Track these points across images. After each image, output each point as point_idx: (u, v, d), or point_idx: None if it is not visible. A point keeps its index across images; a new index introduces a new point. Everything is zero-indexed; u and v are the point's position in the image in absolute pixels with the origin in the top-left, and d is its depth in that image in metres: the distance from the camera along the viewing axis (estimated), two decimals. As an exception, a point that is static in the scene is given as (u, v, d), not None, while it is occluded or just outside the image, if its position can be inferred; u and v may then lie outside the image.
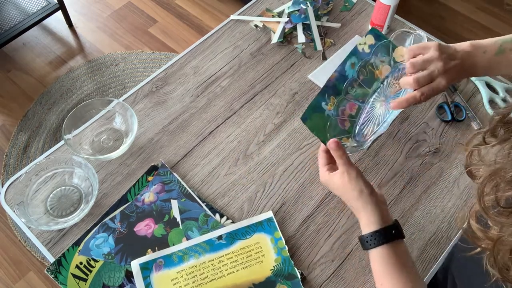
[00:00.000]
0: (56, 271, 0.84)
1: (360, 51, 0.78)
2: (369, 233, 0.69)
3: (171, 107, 1.06)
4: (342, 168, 0.73)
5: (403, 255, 0.68)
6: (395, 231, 0.68)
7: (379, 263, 0.68)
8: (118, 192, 0.94)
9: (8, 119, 2.01)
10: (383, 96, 0.79)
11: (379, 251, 0.68)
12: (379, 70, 0.79)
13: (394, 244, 0.68)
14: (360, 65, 0.79)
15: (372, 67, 0.79)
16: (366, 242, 0.69)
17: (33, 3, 2.15)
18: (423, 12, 2.40)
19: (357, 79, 0.79)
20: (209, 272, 0.83)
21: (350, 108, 0.79)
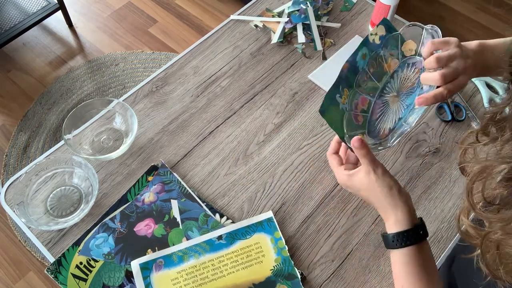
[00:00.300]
0: (56, 271, 0.84)
1: (371, 42, 0.75)
2: (396, 232, 0.65)
3: (171, 107, 1.06)
4: (367, 167, 0.68)
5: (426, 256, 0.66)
6: (423, 231, 0.66)
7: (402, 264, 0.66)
8: (118, 192, 0.94)
9: (8, 119, 2.01)
10: (395, 91, 0.77)
11: (404, 252, 0.65)
12: (388, 64, 0.77)
13: (420, 245, 0.65)
14: (371, 57, 0.76)
15: (382, 59, 0.77)
16: (392, 241, 0.66)
17: (33, 3, 2.15)
18: (423, 12, 2.40)
19: (367, 72, 0.76)
20: (209, 272, 0.83)
21: (362, 103, 0.76)
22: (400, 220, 0.66)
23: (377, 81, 0.77)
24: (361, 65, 0.76)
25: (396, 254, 0.66)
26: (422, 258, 0.65)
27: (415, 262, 0.65)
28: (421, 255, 0.65)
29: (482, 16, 2.38)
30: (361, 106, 0.76)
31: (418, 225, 0.66)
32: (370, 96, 0.77)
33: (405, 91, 0.76)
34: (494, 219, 0.46)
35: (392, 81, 0.77)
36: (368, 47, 0.76)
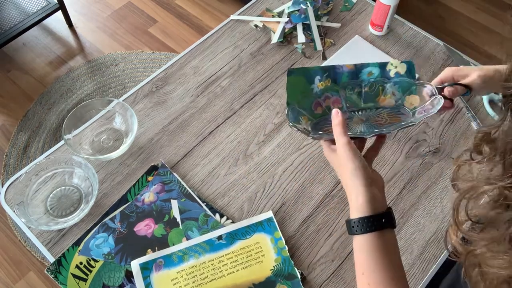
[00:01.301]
0: (56, 271, 0.84)
1: (386, 69, 0.77)
2: (357, 218, 0.63)
3: (171, 107, 1.06)
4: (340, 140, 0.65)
5: (390, 245, 0.63)
6: (385, 220, 0.62)
7: (363, 251, 0.63)
8: (118, 192, 0.94)
9: (8, 119, 2.01)
10: (365, 117, 0.76)
11: (365, 238, 0.62)
12: (384, 98, 0.77)
13: (383, 233, 0.62)
14: (375, 80, 0.76)
15: (381, 90, 0.76)
16: (352, 227, 0.63)
17: (33, 3, 2.15)
18: (423, 12, 2.40)
19: (362, 87, 0.76)
20: (209, 272, 0.83)
21: (333, 102, 0.76)
22: (361, 205, 0.63)
23: (362, 101, 0.77)
24: (362, 78, 0.76)
25: (357, 241, 0.64)
26: (385, 247, 0.62)
27: (377, 250, 0.62)
28: (383, 244, 0.62)
29: (482, 16, 2.38)
30: (330, 104, 0.77)
31: (381, 213, 0.62)
32: (346, 104, 0.77)
33: (372, 122, 0.74)
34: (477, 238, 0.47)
35: (373, 111, 0.77)
36: (380, 70, 0.77)
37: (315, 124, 0.75)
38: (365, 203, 0.62)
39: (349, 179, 0.64)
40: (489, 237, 0.45)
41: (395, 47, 1.17)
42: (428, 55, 1.15)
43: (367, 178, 0.63)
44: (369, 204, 0.62)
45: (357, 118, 0.76)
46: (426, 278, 0.85)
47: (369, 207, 0.62)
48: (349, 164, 0.64)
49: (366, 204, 0.62)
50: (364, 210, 0.62)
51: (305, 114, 0.75)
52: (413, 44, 1.17)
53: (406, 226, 0.90)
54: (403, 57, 1.15)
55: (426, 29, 1.22)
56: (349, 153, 0.64)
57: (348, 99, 0.77)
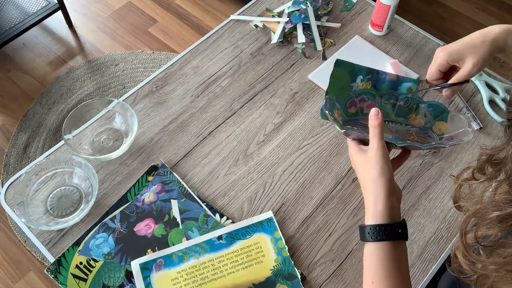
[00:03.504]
0: (56, 271, 0.84)
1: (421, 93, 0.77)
2: (373, 224, 0.61)
3: (171, 107, 1.06)
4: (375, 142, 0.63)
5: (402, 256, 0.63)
6: (402, 230, 0.61)
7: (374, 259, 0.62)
8: (118, 192, 0.94)
9: (8, 119, 2.01)
10: (394, 128, 0.76)
11: (378, 246, 0.61)
12: (415, 116, 0.76)
13: (396, 243, 0.61)
14: (412, 97, 0.76)
15: (415, 108, 0.76)
16: (367, 233, 0.62)
17: (33, 3, 2.15)
18: (423, 12, 2.40)
19: (397, 99, 0.76)
20: (209, 272, 0.83)
21: (367, 106, 0.76)
22: (379, 212, 0.61)
23: (394, 113, 0.77)
24: (400, 90, 0.76)
25: (369, 248, 0.62)
26: (397, 257, 0.61)
27: (389, 259, 0.61)
28: (396, 254, 0.61)
29: (482, 16, 2.38)
30: (363, 107, 0.77)
31: (399, 223, 0.62)
32: None
33: (401, 135, 0.74)
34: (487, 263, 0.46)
35: (402, 126, 0.77)
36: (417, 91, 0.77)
37: (345, 121, 0.74)
38: (384, 210, 0.61)
39: (373, 183, 0.62)
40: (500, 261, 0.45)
41: (395, 47, 1.17)
42: (428, 55, 1.15)
43: (390, 186, 0.62)
44: (388, 213, 0.61)
45: (387, 128, 0.76)
46: (426, 278, 0.85)
47: (387, 216, 0.61)
48: (376, 168, 0.62)
49: (385, 212, 0.61)
50: (382, 219, 0.61)
51: (339, 109, 0.75)
52: (413, 44, 1.17)
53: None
54: (403, 57, 1.15)
55: (426, 29, 1.22)
56: (382, 157, 0.62)
57: (382, 108, 0.76)
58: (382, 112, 0.75)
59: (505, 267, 0.45)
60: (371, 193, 0.63)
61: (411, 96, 0.77)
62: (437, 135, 0.74)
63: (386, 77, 0.76)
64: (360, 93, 0.76)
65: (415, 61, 1.14)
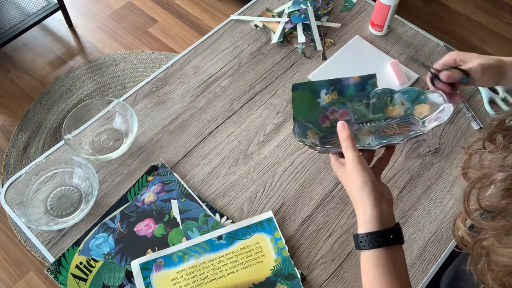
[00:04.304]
0: (56, 271, 0.84)
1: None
2: (365, 233, 0.62)
3: (171, 107, 1.06)
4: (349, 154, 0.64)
5: (397, 261, 0.62)
6: (394, 236, 0.61)
7: (370, 266, 0.62)
8: (118, 192, 0.94)
9: (8, 119, 2.01)
10: (374, 129, 0.75)
11: (372, 253, 0.62)
12: (392, 108, 0.75)
13: (390, 249, 0.61)
14: (383, 91, 0.75)
15: (390, 101, 0.75)
16: (360, 242, 0.62)
17: (33, 3, 2.15)
18: (423, 12, 2.39)
19: (369, 98, 0.75)
20: (209, 272, 0.83)
21: (341, 115, 0.75)
22: (368, 220, 0.62)
23: (371, 112, 0.76)
24: (369, 90, 0.76)
25: (364, 256, 0.63)
26: (392, 263, 0.61)
27: (384, 266, 0.61)
28: (391, 260, 0.61)
29: (482, 16, 2.38)
30: (337, 117, 0.76)
31: (389, 229, 0.62)
32: (354, 116, 0.76)
33: (381, 133, 0.74)
34: (487, 227, 0.46)
35: (382, 122, 0.76)
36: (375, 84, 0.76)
37: (322, 137, 0.74)
38: (373, 218, 0.62)
39: (358, 194, 0.63)
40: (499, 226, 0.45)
41: (395, 47, 1.17)
42: (428, 55, 1.15)
43: (376, 193, 0.62)
44: (377, 220, 0.62)
45: (366, 130, 0.75)
46: (426, 278, 0.85)
47: (377, 223, 0.62)
48: (358, 179, 0.63)
49: (374, 219, 0.62)
50: (372, 226, 0.62)
51: (312, 128, 0.74)
52: (413, 44, 1.17)
53: (406, 226, 0.90)
54: (403, 57, 1.15)
55: (426, 29, 1.22)
56: (359, 168, 0.63)
57: (356, 111, 0.76)
58: (358, 115, 0.76)
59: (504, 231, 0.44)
60: (359, 203, 0.64)
61: (381, 91, 0.75)
62: (420, 119, 0.73)
63: (349, 81, 0.75)
64: (329, 105, 0.76)
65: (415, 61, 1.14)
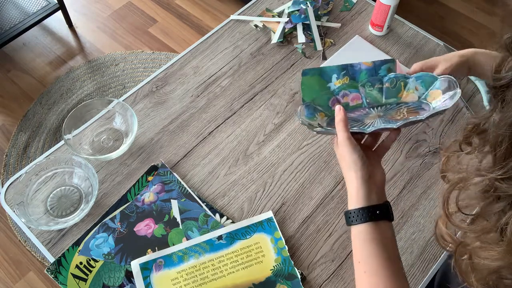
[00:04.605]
0: (56, 271, 0.84)
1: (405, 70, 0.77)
2: (353, 209, 0.65)
3: (171, 107, 1.06)
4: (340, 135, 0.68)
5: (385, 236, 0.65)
6: (380, 211, 0.65)
7: (359, 240, 0.65)
8: (118, 192, 0.94)
9: (8, 119, 2.01)
10: (383, 113, 0.76)
11: (361, 228, 0.65)
12: (407, 93, 0.75)
13: (378, 224, 0.64)
14: (396, 76, 0.75)
15: (404, 86, 0.75)
16: (348, 218, 0.66)
17: (33, 3, 2.15)
18: (423, 12, 2.39)
19: (382, 83, 0.75)
20: (209, 272, 0.83)
21: (352, 99, 0.76)
22: (355, 197, 0.66)
23: (384, 97, 0.76)
24: (382, 74, 0.76)
25: (354, 230, 0.66)
26: (379, 237, 0.64)
27: (372, 240, 0.64)
28: (378, 234, 0.64)
29: (482, 16, 2.38)
30: (349, 101, 0.76)
31: (376, 205, 0.65)
32: (366, 101, 0.77)
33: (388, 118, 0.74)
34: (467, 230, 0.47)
35: (393, 106, 0.76)
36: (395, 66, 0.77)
37: (331, 119, 0.75)
38: (360, 195, 0.66)
39: (347, 171, 0.68)
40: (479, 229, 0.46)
41: (395, 47, 1.17)
42: (428, 55, 1.15)
43: (363, 172, 0.66)
44: (364, 197, 0.65)
45: (374, 114, 0.76)
46: (426, 278, 0.85)
47: (364, 199, 0.65)
48: (347, 158, 0.67)
49: (362, 196, 0.65)
50: (360, 202, 0.65)
51: (322, 110, 0.75)
52: (413, 44, 1.17)
53: (406, 226, 0.90)
54: (403, 57, 1.15)
55: (426, 29, 1.22)
56: (349, 147, 0.67)
57: (368, 95, 0.77)
58: (371, 99, 0.77)
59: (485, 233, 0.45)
60: (348, 181, 0.68)
61: (394, 76, 0.76)
62: (431, 104, 0.73)
63: (361, 66, 0.76)
64: (340, 89, 0.76)
65: (415, 61, 1.13)
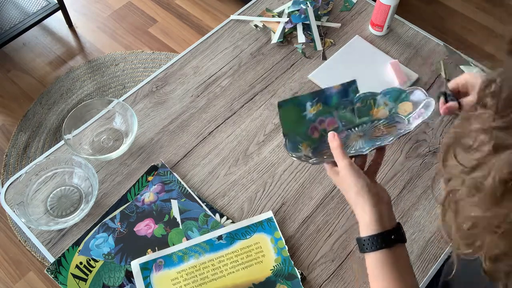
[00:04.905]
0: (56, 271, 0.84)
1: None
2: (366, 236, 0.64)
3: (171, 107, 1.06)
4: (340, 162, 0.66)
5: (401, 261, 0.64)
6: (395, 236, 0.63)
7: (375, 268, 0.64)
8: (118, 192, 0.94)
9: (8, 119, 2.01)
10: (362, 132, 0.77)
11: (376, 255, 0.63)
12: (377, 110, 0.77)
13: (393, 249, 0.63)
14: (365, 95, 0.77)
15: (373, 103, 0.77)
16: (362, 245, 0.64)
17: (33, 3, 2.15)
18: (423, 12, 2.39)
19: (354, 103, 0.77)
20: (209, 272, 0.83)
21: (328, 124, 0.77)
22: (368, 224, 0.64)
23: (357, 117, 0.78)
24: (351, 96, 0.77)
25: (369, 258, 0.65)
26: (396, 263, 0.63)
27: (387, 267, 0.63)
28: (394, 261, 0.63)
29: (482, 16, 2.38)
30: (326, 126, 0.77)
31: (390, 230, 0.63)
32: (342, 123, 0.77)
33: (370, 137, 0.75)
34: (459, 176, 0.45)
35: (368, 125, 0.77)
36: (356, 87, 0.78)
37: (314, 148, 0.76)
38: (373, 221, 0.64)
39: (355, 199, 0.65)
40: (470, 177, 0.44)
41: (395, 47, 1.17)
42: (428, 55, 1.15)
43: (372, 196, 0.64)
44: (377, 222, 0.64)
45: (354, 135, 0.77)
46: (426, 278, 0.85)
47: (377, 225, 0.63)
48: (353, 185, 0.65)
49: (374, 222, 0.64)
50: (373, 229, 0.64)
51: (303, 140, 0.76)
52: (413, 44, 1.17)
53: (406, 226, 0.90)
54: (403, 57, 1.15)
55: (426, 29, 1.22)
56: (352, 175, 0.65)
57: (343, 118, 0.78)
58: (346, 121, 0.78)
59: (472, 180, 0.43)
60: (357, 208, 0.66)
61: (363, 95, 0.77)
62: (405, 117, 0.75)
63: (332, 91, 0.77)
64: (316, 116, 0.77)
65: (415, 61, 1.14)
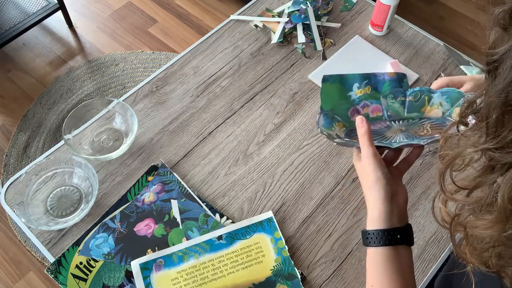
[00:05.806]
0: (56, 271, 0.84)
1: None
2: (373, 230, 0.62)
3: (171, 107, 1.06)
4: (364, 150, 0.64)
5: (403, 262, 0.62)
6: (401, 236, 0.61)
7: (375, 263, 0.62)
8: (118, 192, 0.94)
9: (8, 119, 2.01)
10: (405, 127, 0.72)
11: (378, 250, 0.61)
12: (430, 108, 0.72)
13: (397, 248, 0.61)
14: (421, 89, 0.73)
15: (428, 100, 0.72)
16: (366, 238, 0.62)
17: (33, 3, 2.15)
18: (423, 12, 2.39)
19: (405, 96, 0.73)
20: (209, 272, 0.83)
21: (373, 110, 0.73)
22: (377, 217, 0.62)
23: (406, 110, 0.74)
24: (405, 87, 0.73)
25: (370, 252, 0.63)
26: (397, 262, 0.61)
27: (389, 265, 0.61)
28: (396, 260, 0.61)
29: (482, 16, 2.38)
30: (369, 112, 0.74)
31: (397, 229, 0.61)
32: (387, 113, 0.74)
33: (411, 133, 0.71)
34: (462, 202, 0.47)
35: (415, 121, 0.73)
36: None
37: (350, 130, 0.72)
38: (381, 216, 0.62)
39: (369, 189, 0.64)
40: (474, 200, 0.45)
41: (395, 47, 1.17)
42: (428, 55, 1.15)
43: (387, 191, 0.62)
44: (385, 218, 0.62)
45: (396, 128, 0.73)
46: (426, 278, 0.85)
47: (385, 221, 0.62)
48: (371, 175, 0.63)
49: (383, 217, 0.62)
50: (380, 223, 0.62)
51: (340, 120, 0.72)
52: (413, 44, 1.17)
53: (406, 226, 0.90)
54: (403, 57, 1.15)
55: (426, 29, 1.22)
56: (373, 164, 0.63)
57: (390, 108, 0.74)
58: (392, 112, 0.74)
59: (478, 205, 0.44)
60: (369, 199, 0.64)
61: (419, 89, 0.73)
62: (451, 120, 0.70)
63: (385, 77, 0.73)
64: (361, 99, 0.73)
65: (415, 61, 1.14)
